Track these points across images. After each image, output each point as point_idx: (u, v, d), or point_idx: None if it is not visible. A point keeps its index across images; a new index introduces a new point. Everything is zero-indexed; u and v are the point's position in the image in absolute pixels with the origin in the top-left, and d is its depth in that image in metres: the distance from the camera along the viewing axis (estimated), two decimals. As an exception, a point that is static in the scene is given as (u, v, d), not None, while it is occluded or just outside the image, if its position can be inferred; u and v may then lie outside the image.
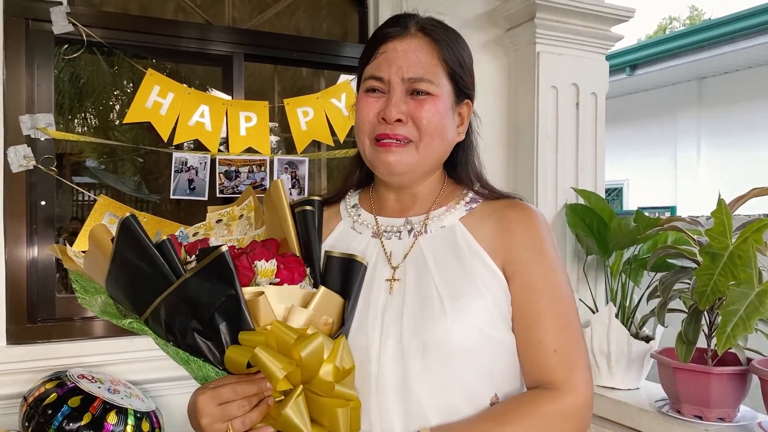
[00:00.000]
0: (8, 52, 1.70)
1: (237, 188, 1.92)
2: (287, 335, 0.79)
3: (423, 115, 0.94)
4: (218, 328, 0.81)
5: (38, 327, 1.74)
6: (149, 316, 0.84)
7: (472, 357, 0.91)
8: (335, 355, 0.81)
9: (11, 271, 1.71)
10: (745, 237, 1.54)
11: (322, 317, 0.84)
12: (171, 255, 0.83)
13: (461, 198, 1.03)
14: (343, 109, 2.06)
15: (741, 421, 1.72)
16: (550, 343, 0.92)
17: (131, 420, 1.54)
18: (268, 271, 0.84)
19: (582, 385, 0.92)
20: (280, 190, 0.96)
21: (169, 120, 1.85)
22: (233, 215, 1.03)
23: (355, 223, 1.05)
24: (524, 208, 1.00)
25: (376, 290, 0.95)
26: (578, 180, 2.36)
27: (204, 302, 0.81)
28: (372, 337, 0.91)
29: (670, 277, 1.77)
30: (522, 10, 2.27)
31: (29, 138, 1.72)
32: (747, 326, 1.47)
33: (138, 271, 0.83)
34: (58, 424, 1.46)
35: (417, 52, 0.95)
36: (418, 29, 0.97)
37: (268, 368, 0.77)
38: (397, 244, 0.99)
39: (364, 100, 0.97)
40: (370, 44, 0.99)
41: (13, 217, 1.71)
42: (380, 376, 0.90)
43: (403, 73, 0.94)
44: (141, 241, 0.82)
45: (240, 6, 2.22)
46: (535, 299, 0.94)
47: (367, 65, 0.98)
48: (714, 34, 6.39)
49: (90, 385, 1.57)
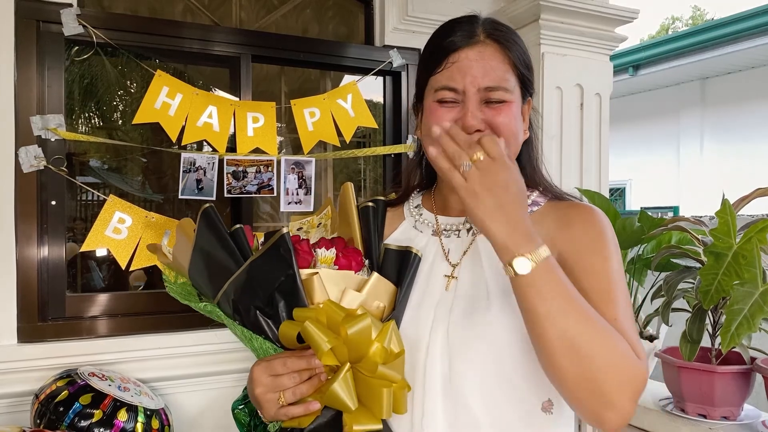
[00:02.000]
0: (19, 53, 1.72)
1: (244, 188, 1.94)
2: (337, 313, 0.84)
3: (501, 122, 0.94)
4: (277, 306, 0.88)
5: (49, 325, 1.76)
6: (221, 298, 0.92)
7: (519, 358, 0.89)
8: (384, 336, 0.85)
9: (22, 270, 1.73)
10: (749, 237, 1.55)
11: (375, 302, 0.90)
12: (242, 241, 0.92)
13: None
14: (349, 110, 2.07)
15: (745, 419, 1.73)
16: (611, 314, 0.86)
17: (141, 417, 1.56)
18: (328, 258, 0.91)
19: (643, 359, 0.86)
20: (349, 192, 1.03)
21: (178, 121, 1.86)
22: (312, 224, 1.11)
23: (417, 222, 1.07)
24: (586, 207, 0.99)
25: (432, 285, 0.97)
26: (582, 180, 2.38)
27: (266, 282, 0.88)
28: (422, 329, 0.93)
29: (675, 277, 1.78)
30: (527, 11, 2.28)
31: (40, 138, 1.74)
32: (751, 325, 1.48)
33: (214, 256, 0.92)
34: (70, 421, 1.47)
35: (490, 60, 0.94)
36: (487, 35, 0.95)
37: (315, 341, 0.83)
38: (456, 242, 1.01)
39: (436, 111, 0.96)
40: (437, 53, 0.97)
41: (24, 216, 1.73)
42: (427, 368, 0.91)
43: (479, 83, 0.93)
44: (218, 228, 0.91)
45: (247, 7, 2.24)
46: (592, 281, 0.89)
47: (435, 74, 0.96)
48: (717, 35, 6.40)
49: (101, 382, 1.59)
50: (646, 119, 8.07)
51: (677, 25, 19.70)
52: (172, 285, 1.05)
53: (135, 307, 1.90)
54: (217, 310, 0.94)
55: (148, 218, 1.83)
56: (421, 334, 0.93)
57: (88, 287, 2.56)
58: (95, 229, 1.78)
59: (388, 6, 2.21)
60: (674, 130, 7.78)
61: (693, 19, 19.29)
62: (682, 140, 7.73)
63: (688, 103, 7.63)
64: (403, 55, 2.17)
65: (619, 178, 8.42)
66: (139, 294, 2.02)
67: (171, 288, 1.05)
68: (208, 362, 1.88)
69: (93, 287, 2.60)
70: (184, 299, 1.02)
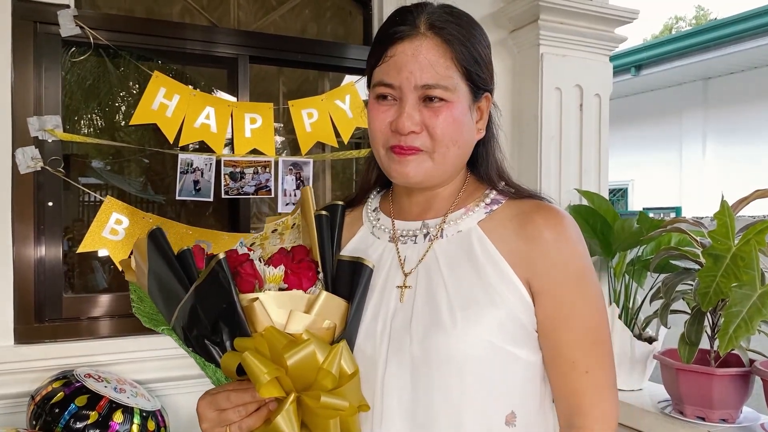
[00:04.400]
0: (16, 54, 1.72)
1: (242, 189, 1.94)
2: (279, 340, 0.78)
3: (437, 124, 0.87)
4: (221, 334, 0.82)
5: (45, 326, 1.76)
6: (174, 323, 0.87)
7: (482, 370, 0.86)
8: (333, 360, 0.80)
9: (19, 271, 1.73)
10: (747, 239, 1.54)
11: (325, 321, 0.84)
12: (189, 265, 0.85)
13: (482, 199, 0.96)
14: (347, 111, 2.07)
15: (744, 422, 1.72)
16: (582, 364, 0.88)
17: (137, 419, 1.56)
18: (276, 276, 0.84)
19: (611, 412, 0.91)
20: (308, 197, 0.95)
21: (175, 121, 1.87)
22: (287, 224, 1.02)
23: (374, 228, 1.01)
24: (553, 214, 0.91)
25: (387, 297, 0.92)
26: (582, 181, 2.37)
27: (209, 309, 0.82)
28: (379, 345, 0.88)
29: (673, 279, 1.78)
30: (526, 11, 2.28)
31: (37, 140, 1.74)
32: (749, 328, 1.47)
33: (165, 280, 0.86)
34: (65, 422, 1.47)
35: (428, 54, 0.87)
36: (428, 27, 0.88)
37: (254, 373, 0.77)
38: (412, 249, 0.95)
39: (375, 109, 0.91)
40: (377, 45, 0.91)
41: (21, 217, 1.73)
42: (385, 384, 0.87)
43: (416, 80, 0.86)
44: (165, 252, 0.85)
45: (246, 7, 2.24)
46: (569, 320, 0.88)
47: (375, 68, 0.91)
48: (719, 35, 6.38)
49: (96, 384, 1.59)
50: (649, 119, 8.05)
51: (680, 24, 19.63)
52: (139, 305, 0.99)
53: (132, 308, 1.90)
54: (174, 335, 0.90)
55: (145, 219, 1.83)
56: (378, 350, 0.88)
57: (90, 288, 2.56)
58: (92, 231, 1.78)
59: (386, 6, 2.21)
60: (676, 130, 7.77)
61: (696, 19, 19.22)
62: (684, 141, 7.72)
63: (690, 104, 7.62)
64: (402, 55, 2.17)
65: (621, 178, 8.41)
66: (137, 295, 2.02)
67: (137, 307, 0.99)
68: (205, 363, 1.87)
69: (95, 287, 2.61)
70: (148, 322, 0.96)
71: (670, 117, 7.81)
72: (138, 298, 0.97)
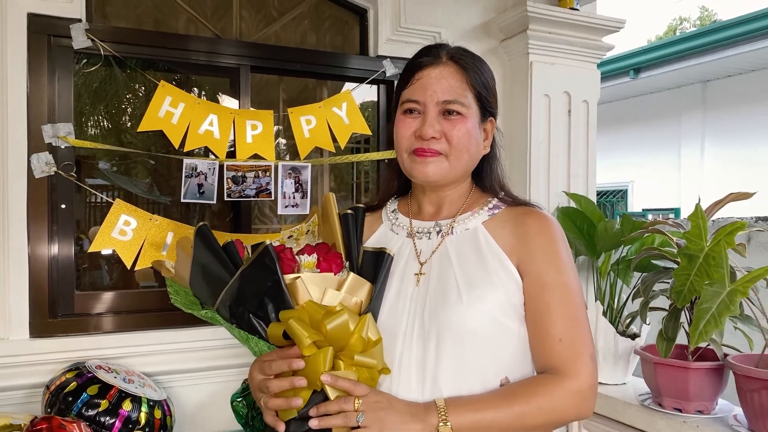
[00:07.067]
0: (32, 65, 1.82)
1: (243, 192, 2.04)
2: (317, 311, 0.96)
3: (454, 133, 1.08)
4: (267, 309, 0.98)
5: (58, 321, 1.86)
6: (219, 305, 1.01)
7: (484, 340, 1.04)
8: (362, 328, 0.97)
9: (34, 269, 1.83)
10: (718, 239, 1.64)
11: (353, 298, 1.01)
12: (234, 254, 1.02)
13: (485, 204, 1.16)
14: (344, 118, 2.17)
15: (719, 413, 1.81)
16: (557, 333, 1.04)
17: (145, 407, 1.66)
18: (310, 263, 1.02)
19: (584, 372, 1.02)
20: (331, 202, 1.14)
21: (180, 128, 1.96)
22: (302, 231, 1.22)
23: (394, 226, 1.20)
24: (540, 215, 1.13)
25: (406, 282, 1.10)
26: (570, 184, 2.46)
27: (255, 288, 0.98)
28: (400, 320, 1.07)
29: (651, 278, 1.87)
30: (516, 22, 2.37)
31: (50, 146, 1.85)
32: (718, 323, 1.56)
33: (211, 269, 1.02)
34: (78, 410, 1.58)
35: (449, 78, 1.09)
36: (449, 58, 1.11)
37: (298, 336, 0.94)
38: (427, 243, 1.14)
39: (402, 121, 1.11)
40: (407, 72, 1.13)
41: (35, 219, 1.84)
42: (404, 353, 1.05)
43: (438, 97, 1.08)
44: (212, 244, 1.02)
45: (248, 18, 2.34)
46: (545, 294, 1.06)
47: (404, 90, 1.12)
48: (718, 38, 6.43)
49: (107, 375, 1.69)
50: (648, 121, 8.12)
51: (685, 25, 19.51)
52: (176, 296, 1.16)
53: (140, 304, 2.00)
54: (217, 316, 1.05)
55: (152, 221, 1.93)
56: (399, 324, 1.06)
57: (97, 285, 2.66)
58: (102, 231, 1.88)
59: (381, 18, 2.30)
60: (676, 132, 7.84)
61: (701, 20, 19.09)
62: (683, 142, 7.78)
63: (689, 106, 7.68)
64: (396, 64, 2.26)
65: (621, 179, 8.48)
66: (144, 292, 2.12)
67: (175, 298, 1.16)
68: (208, 357, 1.98)
69: (100, 284, 2.71)
70: (187, 308, 1.13)
71: (668, 119, 7.88)
72: (174, 291, 1.13)
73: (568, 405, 1.01)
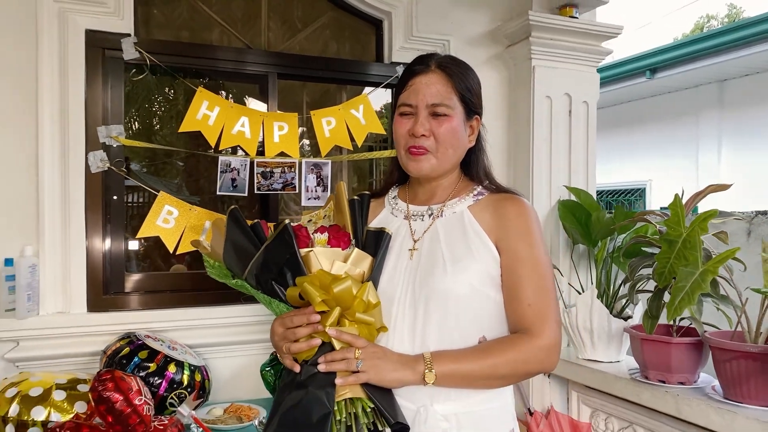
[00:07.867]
0: (89, 75, 2.09)
1: (271, 186, 2.28)
2: (327, 278, 1.15)
3: (440, 131, 1.26)
4: (286, 276, 1.19)
5: (111, 298, 2.13)
6: (247, 275, 1.22)
7: (465, 305, 1.21)
8: (363, 292, 1.17)
9: (91, 253, 2.10)
10: (693, 226, 1.82)
11: (356, 269, 1.21)
12: (260, 232, 1.23)
13: (471, 191, 1.33)
14: (361, 119, 2.40)
15: (700, 385, 1.99)
16: (527, 299, 1.21)
17: (187, 371, 1.91)
18: (322, 240, 1.23)
19: (548, 332, 1.20)
20: (342, 190, 1.33)
21: (216, 129, 2.21)
22: (320, 216, 1.44)
23: (393, 209, 1.39)
24: (518, 201, 1.30)
25: (402, 257, 1.28)
26: (570, 179, 2.64)
27: (277, 260, 1.18)
28: (396, 288, 1.25)
29: (637, 262, 2.05)
30: (519, 29, 2.57)
31: (104, 144, 2.11)
32: (691, 299, 1.74)
33: (241, 244, 1.23)
34: (131, 371, 1.83)
35: (436, 84, 1.26)
36: (437, 66, 1.28)
37: (311, 296, 1.14)
38: (420, 225, 1.32)
39: (399, 121, 1.30)
40: (402, 78, 1.32)
41: (92, 210, 2.10)
42: (398, 315, 1.23)
43: (427, 100, 1.25)
44: (242, 224, 1.23)
45: (274, 29, 2.57)
46: (518, 266, 1.22)
47: (401, 94, 1.30)
48: (735, 37, 6.47)
49: (154, 342, 1.94)
50: (665, 121, 8.18)
51: (712, 23, 19.15)
52: (212, 269, 1.36)
53: (180, 285, 2.27)
54: (245, 284, 1.23)
55: (192, 211, 2.19)
56: (394, 292, 1.25)
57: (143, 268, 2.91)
58: (149, 219, 2.14)
59: (395, 28, 2.53)
60: (693, 131, 7.89)
61: (729, 17, 18.70)
62: (701, 142, 7.84)
63: (706, 106, 7.73)
64: (409, 70, 2.48)
65: (639, 178, 8.55)
66: (184, 274, 2.38)
67: (211, 271, 1.36)
68: (240, 332, 2.22)
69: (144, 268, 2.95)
70: (221, 279, 1.33)
71: (686, 119, 7.94)
72: (210, 265, 1.34)
73: (534, 359, 1.18)
